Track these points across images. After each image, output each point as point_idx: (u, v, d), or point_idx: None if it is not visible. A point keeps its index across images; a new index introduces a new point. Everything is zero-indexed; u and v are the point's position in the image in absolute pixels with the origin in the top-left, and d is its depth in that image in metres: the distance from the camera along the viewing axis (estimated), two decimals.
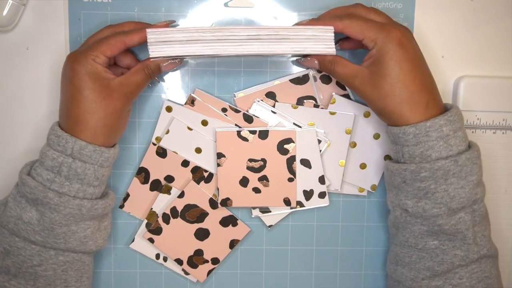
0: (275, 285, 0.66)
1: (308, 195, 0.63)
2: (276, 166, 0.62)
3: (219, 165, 0.62)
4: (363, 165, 0.64)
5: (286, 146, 0.62)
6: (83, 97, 0.53)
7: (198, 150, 0.63)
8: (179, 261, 0.64)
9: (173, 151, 0.63)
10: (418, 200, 0.54)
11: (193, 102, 0.62)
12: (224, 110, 0.62)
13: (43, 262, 0.53)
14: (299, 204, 0.63)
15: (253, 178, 0.62)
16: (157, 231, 0.63)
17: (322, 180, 0.63)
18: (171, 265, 0.64)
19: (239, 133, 0.62)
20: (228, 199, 0.63)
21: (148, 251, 0.64)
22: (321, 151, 0.63)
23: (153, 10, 0.61)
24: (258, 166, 0.62)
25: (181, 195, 0.63)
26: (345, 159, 0.63)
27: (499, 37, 0.63)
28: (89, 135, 0.53)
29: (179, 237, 0.63)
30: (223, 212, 0.64)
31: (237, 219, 0.64)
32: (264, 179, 0.63)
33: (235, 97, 0.63)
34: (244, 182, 0.63)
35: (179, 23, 0.61)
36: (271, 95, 0.63)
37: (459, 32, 0.63)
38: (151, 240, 0.63)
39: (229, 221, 0.64)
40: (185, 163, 0.63)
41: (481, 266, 0.55)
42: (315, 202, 0.64)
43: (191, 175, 0.63)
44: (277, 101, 0.63)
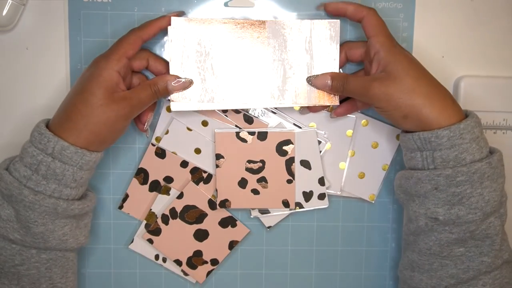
0: (275, 286, 0.66)
1: (307, 196, 0.63)
2: (275, 167, 0.62)
3: (218, 166, 0.62)
4: (361, 174, 0.64)
5: (285, 147, 0.62)
6: (82, 98, 0.53)
7: (197, 150, 0.63)
8: (178, 262, 0.64)
9: (172, 152, 0.63)
10: (451, 206, 0.52)
11: None
12: (224, 111, 0.62)
13: (24, 261, 0.53)
14: (298, 205, 0.63)
15: (252, 179, 0.62)
16: (156, 232, 0.63)
17: (321, 181, 0.63)
18: (170, 266, 0.64)
19: (238, 134, 0.62)
20: (226, 200, 0.63)
21: (147, 252, 0.64)
22: (321, 152, 0.63)
23: (153, 10, 0.61)
24: (257, 167, 0.62)
25: (180, 196, 0.63)
26: (346, 161, 0.63)
27: (499, 37, 0.63)
28: (73, 135, 0.52)
29: (178, 238, 0.63)
30: (222, 213, 0.64)
31: (236, 220, 0.64)
32: (262, 180, 0.62)
33: None
34: (242, 183, 0.62)
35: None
36: None
37: (459, 32, 0.63)
38: (150, 241, 0.63)
39: (228, 222, 0.64)
40: (184, 164, 0.63)
41: (502, 272, 0.54)
42: (315, 203, 0.63)
43: (190, 176, 0.63)
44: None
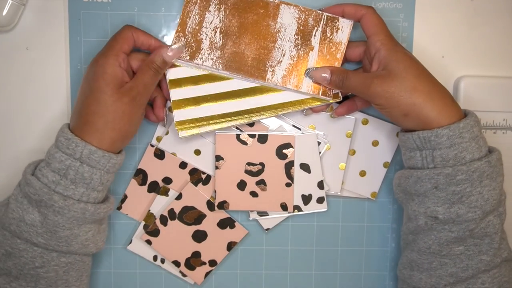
0: (275, 286, 0.66)
1: (306, 199, 0.63)
2: (274, 170, 0.62)
3: (217, 167, 0.62)
4: (362, 173, 0.64)
5: (285, 151, 0.62)
6: (94, 99, 0.53)
7: (197, 152, 0.63)
8: (177, 263, 0.64)
9: (172, 153, 0.63)
10: (450, 205, 0.53)
11: None
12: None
13: (45, 264, 0.53)
14: (297, 208, 0.63)
15: (251, 182, 0.62)
16: (155, 233, 0.63)
17: (321, 185, 0.63)
18: (169, 267, 0.64)
19: (238, 136, 0.62)
20: (225, 202, 0.63)
21: (145, 252, 0.64)
22: (320, 153, 0.63)
23: (153, 10, 0.61)
24: (256, 170, 0.62)
25: (179, 197, 0.63)
26: (345, 162, 0.63)
27: (499, 37, 0.63)
28: (96, 138, 0.53)
29: (176, 239, 0.63)
30: (221, 214, 0.63)
31: (235, 221, 0.64)
32: (261, 183, 0.62)
33: None
34: (241, 185, 0.62)
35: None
36: None
37: (459, 32, 0.63)
38: (149, 242, 0.63)
39: (226, 223, 0.64)
40: (183, 165, 0.63)
41: (501, 270, 0.54)
42: (313, 207, 0.63)
43: (189, 177, 0.63)
44: None
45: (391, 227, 0.65)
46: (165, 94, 0.59)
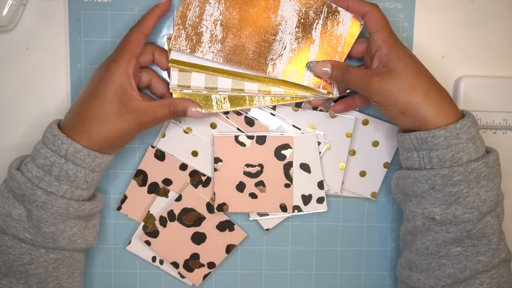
0: (275, 286, 0.66)
1: (306, 200, 0.63)
2: (273, 171, 0.62)
3: (216, 169, 0.62)
4: (362, 173, 0.64)
5: (283, 152, 0.62)
6: (96, 104, 0.53)
7: (194, 153, 0.63)
8: (175, 264, 0.64)
9: (170, 154, 0.63)
10: (447, 206, 0.53)
11: None
12: (226, 112, 0.62)
13: (33, 260, 0.53)
14: (297, 208, 0.63)
15: (250, 183, 0.62)
16: (154, 234, 0.63)
17: (321, 185, 0.63)
18: (167, 268, 0.64)
19: (236, 138, 0.62)
20: (224, 204, 0.63)
21: (144, 253, 0.64)
22: (320, 153, 0.63)
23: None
24: (255, 171, 0.62)
25: (179, 199, 0.63)
26: (345, 162, 0.63)
27: (499, 37, 0.63)
28: (86, 140, 0.53)
29: (175, 241, 0.63)
30: (220, 216, 0.63)
31: (234, 224, 0.64)
32: (260, 184, 0.62)
33: None
34: (240, 187, 0.62)
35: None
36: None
37: (459, 32, 0.63)
38: (148, 242, 0.63)
39: (226, 226, 0.64)
40: (183, 167, 0.63)
41: (499, 271, 0.54)
42: (313, 207, 0.63)
43: (189, 179, 0.63)
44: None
45: (391, 227, 0.65)
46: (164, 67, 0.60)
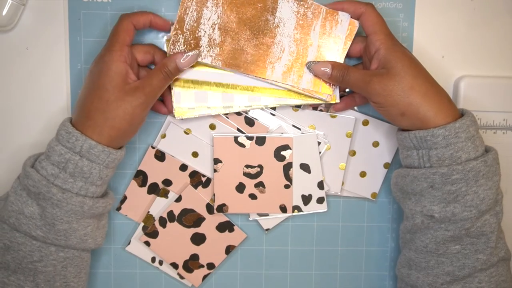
0: (275, 286, 0.66)
1: (306, 200, 0.63)
2: (272, 172, 0.62)
3: (215, 170, 0.62)
4: (363, 173, 0.64)
5: (283, 152, 0.62)
6: (96, 95, 0.53)
7: (195, 154, 0.63)
8: (175, 265, 0.64)
9: (170, 155, 0.63)
10: (446, 204, 0.53)
11: None
12: (225, 113, 0.62)
13: (43, 258, 0.54)
14: (297, 208, 0.63)
15: (250, 184, 0.62)
16: (154, 234, 0.63)
17: (321, 185, 0.63)
18: (167, 268, 0.64)
19: (236, 139, 0.62)
20: (224, 205, 0.63)
21: (144, 254, 0.64)
22: (320, 153, 0.63)
23: (153, 10, 0.60)
24: (254, 172, 0.62)
25: (178, 199, 0.63)
26: (346, 162, 0.63)
27: (499, 37, 0.63)
28: (96, 133, 0.53)
29: (175, 241, 0.63)
30: (220, 217, 0.63)
31: (234, 225, 0.64)
32: (260, 185, 0.62)
33: None
34: (240, 188, 0.62)
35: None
36: None
37: (459, 32, 0.63)
38: (147, 243, 0.63)
39: (225, 227, 0.64)
40: (183, 167, 0.63)
41: (498, 269, 0.54)
42: (313, 207, 0.63)
43: (189, 180, 0.63)
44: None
45: (391, 227, 0.65)
46: None
